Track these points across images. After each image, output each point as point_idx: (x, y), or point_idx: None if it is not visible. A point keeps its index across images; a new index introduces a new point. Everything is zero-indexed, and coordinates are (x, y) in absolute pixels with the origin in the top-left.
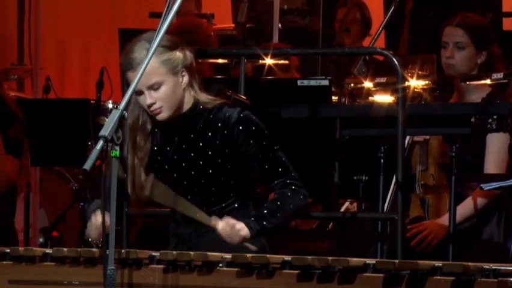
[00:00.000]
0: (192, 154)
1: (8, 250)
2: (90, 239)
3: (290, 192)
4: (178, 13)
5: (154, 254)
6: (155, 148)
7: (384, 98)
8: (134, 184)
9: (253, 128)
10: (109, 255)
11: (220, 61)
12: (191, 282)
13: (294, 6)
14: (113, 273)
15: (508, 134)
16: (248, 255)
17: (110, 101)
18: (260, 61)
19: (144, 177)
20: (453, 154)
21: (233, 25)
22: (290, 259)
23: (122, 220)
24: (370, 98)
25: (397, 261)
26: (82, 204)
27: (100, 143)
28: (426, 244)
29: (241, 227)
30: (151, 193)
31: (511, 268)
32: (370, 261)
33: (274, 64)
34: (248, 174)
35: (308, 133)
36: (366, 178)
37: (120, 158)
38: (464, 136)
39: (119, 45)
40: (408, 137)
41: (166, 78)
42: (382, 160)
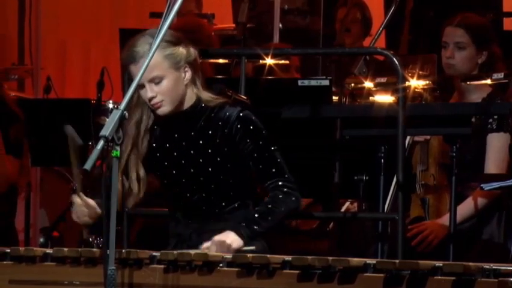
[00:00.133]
0: (192, 152)
1: (9, 250)
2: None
3: (282, 194)
4: (179, 13)
5: (155, 254)
6: (154, 145)
7: (384, 98)
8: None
9: (250, 127)
10: (110, 255)
11: (220, 61)
12: (191, 282)
13: (295, 6)
14: (113, 273)
15: (509, 134)
16: (248, 255)
17: (110, 101)
18: (261, 61)
19: (143, 173)
20: (453, 154)
21: (234, 25)
22: (290, 259)
23: (122, 220)
24: (370, 98)
25: (398, 261)
26: None
27: (101, 143)
28: (426, 244)
29: (231, 240)
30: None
31: (511, 268)
32: (370, 261)
33: (274, 64)
34: (247, 173)
35: (309, 133)
36: (366, 178)
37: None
38: (464, 136)
39: (119, 45)
40: (408, 137)
41: (168, 72)
42: (382, 160)
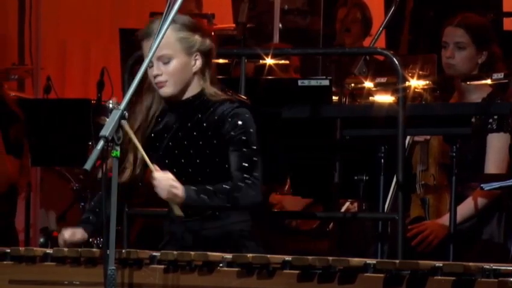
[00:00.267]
0: (185, 142)
1: (9, 250)
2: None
3: (244, 184)
4: (179, 13)
5: (155, 254)
6: (152, 135)
7: (384, 98)
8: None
9: (239, 122)
10: (110, 255)
11: (220, 61)
12: (191, 282)
13: (295, 6)
14: (113, 273)
15: (509, 134)
16: (249, 255)
17: (110, 101)
18: (261, 61)
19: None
20: (453, 154)
21: (234, 25)
22: (291, 259)
23: (122, 220)
24: (370, 98)
25: (398, 261)
26: (83, 204)
27: (101, 143)
28: (426, 244)
29: (177, 186)
30: None
31: (511, 268)
32: (371, 261)
33: (274, 64)
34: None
35: (309, 133)
36: (366, 178)
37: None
38: (464, 136)
39: (120, 45)
40: (408, 137)
41: (178, 54)
42: (382, 160)
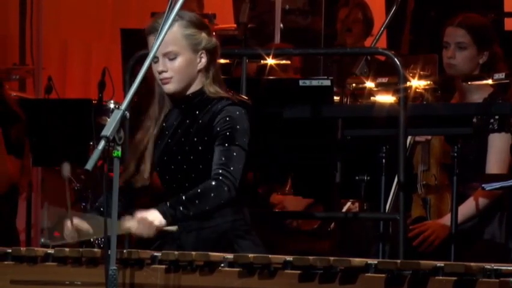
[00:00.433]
0: (183, 139)
1: (10, 250)
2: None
3: (215, 182)
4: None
5: (156, 254)
6: (154, 133)
7: (385, 98)
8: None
9: (227, 119)
10: (111, 255)
11: (222, 61)
12: (193, 282)
13: (296, 6)
14: (115, 273)
15: (510, 134)
16: (250, 255)
17: (112, 101)
18: (262, 61)
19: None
20: (455, 154)
21: (235, 25)
22: (292, 259)
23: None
24: (372, 98)
25: (399, 261)
26: (84, 204)
27: (102, 143)
28: (428, 244)
29: (153, 218)
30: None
31: None
32: (372, 261)
33: (275, 64)
34: None
35: (310, 133)
36: (368, 178)
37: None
38: (465, 136)
39: (121, 45)
40: (409, 137)
41: (184, 51)
42: (384, 160)
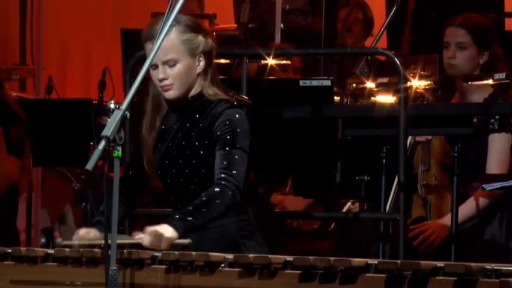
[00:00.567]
0: (183, 143)
1: (10, 250)
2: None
3: (219, 187)
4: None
5: (156, 254)
6: (154, 135)
7: (386, 98)
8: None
9: (227, 122)
10: (111, 255)
11: (222, 61)
12: (193, 282)
13: (296, 6)
14: (115, 273)
15: (510, 134)
16: (250, 255)
17: (112, 101)
18: (263, 61)
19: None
20: (455, 154)
21: (235, 25)
22: (292, 259)
23: (124, 220)
24: (372, 98)
25: (399, 261)
26: (84, 204)
27: (102, 143)
28: (428, 244)
29: (165, 231)
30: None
31: None
32: (372, 261)
33: (275, 64)
34: None
35: (310, 133)
36: (368, 178)
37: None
38: (466, 136)
39: (121, 45)
40: (410, 137)
41: (183, 57)
42: (384, 160)
